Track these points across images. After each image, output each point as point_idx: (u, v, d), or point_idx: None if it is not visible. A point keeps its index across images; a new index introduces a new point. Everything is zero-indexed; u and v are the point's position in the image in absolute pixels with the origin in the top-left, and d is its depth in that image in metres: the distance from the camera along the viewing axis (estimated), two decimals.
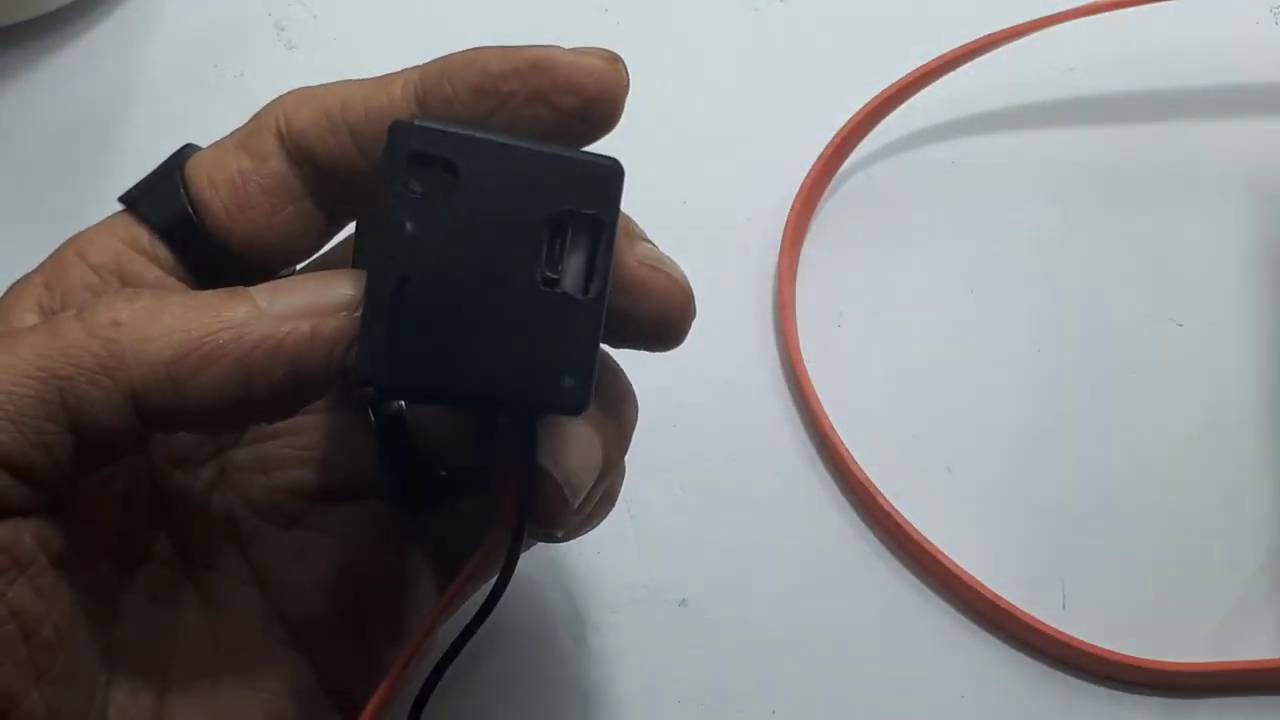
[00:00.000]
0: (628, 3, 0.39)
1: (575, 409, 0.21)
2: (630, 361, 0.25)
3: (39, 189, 0.36)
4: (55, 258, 0.23)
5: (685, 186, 0.36)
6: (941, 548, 0.31)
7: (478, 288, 0.20)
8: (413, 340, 0.20)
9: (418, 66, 0.22)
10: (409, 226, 0.20)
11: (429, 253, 0.20)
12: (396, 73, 0.23)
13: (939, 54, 0.36)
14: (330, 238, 0.24)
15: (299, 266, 0.25)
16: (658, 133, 0.36)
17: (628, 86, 0.22)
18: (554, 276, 0.21)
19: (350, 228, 0.25)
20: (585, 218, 0.21)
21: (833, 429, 0.33)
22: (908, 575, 0.32)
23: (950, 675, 0.31)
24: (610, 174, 0.21)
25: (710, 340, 0.27)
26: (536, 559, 0.33)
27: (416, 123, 0.20)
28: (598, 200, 0.21)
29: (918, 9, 0.39)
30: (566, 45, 0.22)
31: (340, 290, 0.21)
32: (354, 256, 0.25)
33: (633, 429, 0.26)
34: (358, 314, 0.21)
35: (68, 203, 0.24)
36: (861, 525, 0.33)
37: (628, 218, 0.23)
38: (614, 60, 0.22)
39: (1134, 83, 0.38)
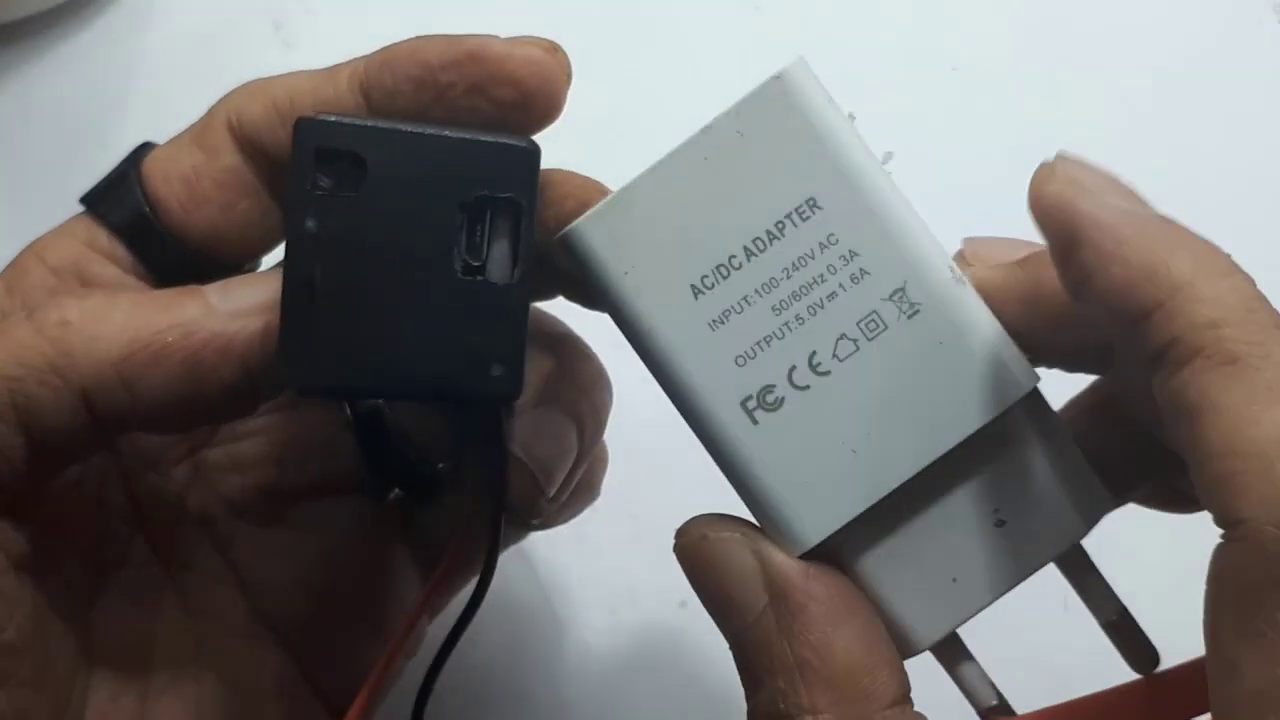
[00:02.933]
0: (628, 2, 0.38)
1: (506, 396, 0.20)
2: (627, 359, 0.25)
3: (35, 188, 0.35)
4: (15, 262, 0.23)
5: None
6: None
7: (395, 280, 0.20)
8: (330, 338, 0.20)
9: (364, 57, 0.22)
10: (311, 224, 0.20)
11: (339, 249, 0.20)
12: (344, 63, 0.22)
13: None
14: None
15: (263, 263, 0.25)
16: (658, 133, 0.35)
17: (570, 77, 0.22)
18: (475, 263, 0.20)
19: None
20: (503, 202, 0.20)
21: None
22: None
23: None
24: (524, 155, 0.20)
25: None
26: (536, 561, 0.33)
27: (320, 117, 0.20)
28: (514, 183, 0.20)
29: (918, 6, 0.39)
30: (564, 46, 0.22)
31: None
32: None
33: (607, 414, 0.26)
34: None
35: (64, 202, 0.24)
36: None
37: (601, 188, 0.23)
38: (553, 50, 0.22)
39: (1137, 81, 0.38)
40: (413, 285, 0.20)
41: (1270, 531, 0.16)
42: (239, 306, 0.21)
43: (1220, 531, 0.17)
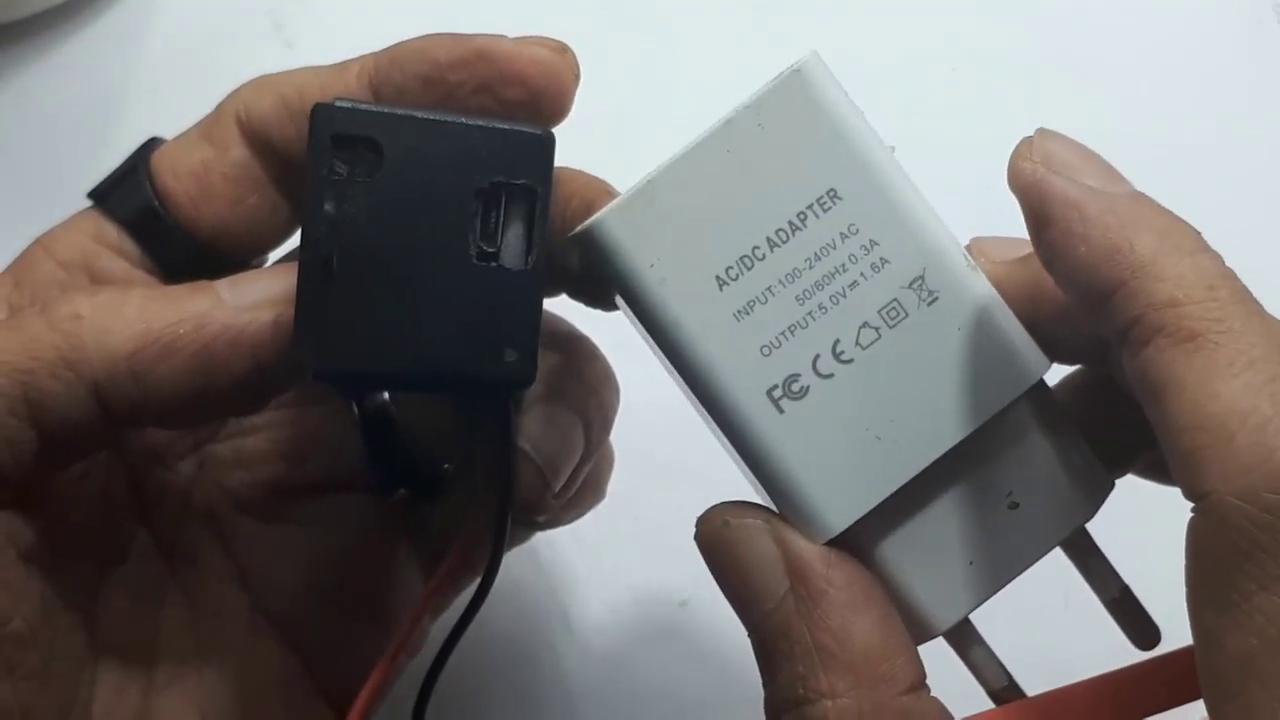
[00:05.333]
0: (633, 1, 0.38)
1: (520, 382, 0.20)
2: (629, 360, 0.25)
3: (36, 187, 0.35)
4: (24, 256, 0.23)
5: None
6: None
7: (410, 266, 0.20)
8: (345, 322, 0.20)
9: (373, 54, 0.22)
10: (329, 208, 0.20)
11: (355, 234, 0.20)
12: (353, 60, 0.22)
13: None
14: (298, 225, 0.24)
15: (271, 257, 0.25)
16: (663, 131, 0.35)
17: (578, 77, 0.22)
18: (490, 250, 0.20)
19: None
20: (518, 188, 0.20)
21: None
22: None
23: None
24: (539, 142, 0.21)
25: None
26: (536, 561, 0.33)
27: (337, 103, 0.20)
28: (528, 170, 0.20)
29: (918, 7, 0.39)
30: (571, 45, 0.22)
31: None
32: None
33: (614, 413, 0.26)
34: None
35: (65, 200, 0.24)
36: None
37: (606, 187, 0.23)
38: (561, 50, 0.22)
39: (1137, 82, 0.38)
40: (427, 271, 0.20)
41: (1232, 503, 0.16)
42: (250, 300, 0.21)
43: (1190, 505, 0.17)
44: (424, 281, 0.20)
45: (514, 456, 0.23)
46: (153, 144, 0.24)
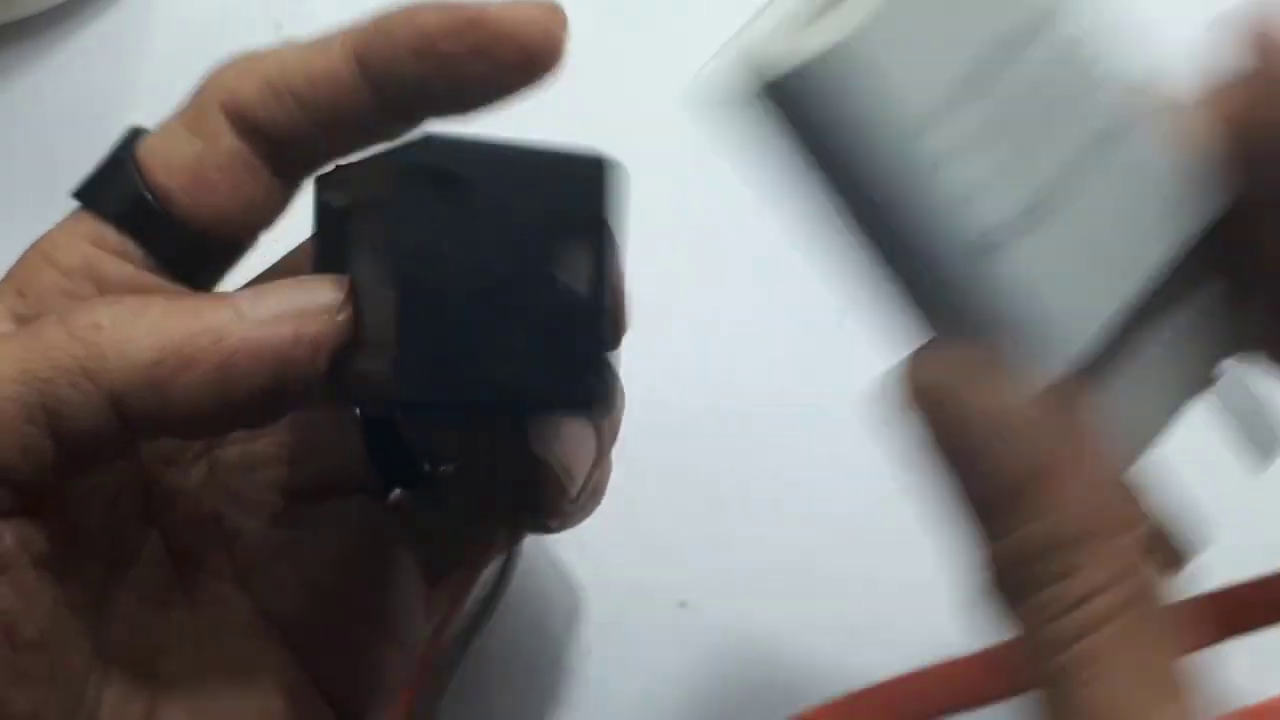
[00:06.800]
0: None
1: (601, 408, 0.21)
2: (628, 359, 0.25)
3: (36, 187, 0.35)
4: (23, 264, 0.23)
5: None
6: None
7: (489, 295, 0.20)
8: (430, 355, 0.20)
9: (356, 26, 0.22)
10: (410, 240, 0.20)
11: (435, 265, 0.20)
12: (333, 34, 0.22)
13: None
14: (289, 203, 0.24)
15: (270, 261, 0.25)
16: (656, 131, 0.36)
17: (568, 30, 0.22)
18: (564, 277, 0.21)
19: (306, 229, 0.25)
20: (589, 216, 0.21)
21: None
22: None
23: None
24: (611, 173, 0.21)
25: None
26: (536, 560, 0.33)
27: (426, 136, 0.20)
28: (600, 199, 0.21)
29: None
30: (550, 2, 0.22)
31: (323, 293, 0.21)
32: (315, 263, 0.24)
33: (622, 415, 0.26)
34: (340, 317, 0.21)
35: (66, 202, 0.24)
36: None
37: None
38: (551, 9, 0.22)
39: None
40: (506, 300, 0.20)
41: None
42: (269, 314, 0.21)
43: None
44: (503, 310, 0.20)
45: (533, 465, 0.23)
46: (135, 135, 0.24)
